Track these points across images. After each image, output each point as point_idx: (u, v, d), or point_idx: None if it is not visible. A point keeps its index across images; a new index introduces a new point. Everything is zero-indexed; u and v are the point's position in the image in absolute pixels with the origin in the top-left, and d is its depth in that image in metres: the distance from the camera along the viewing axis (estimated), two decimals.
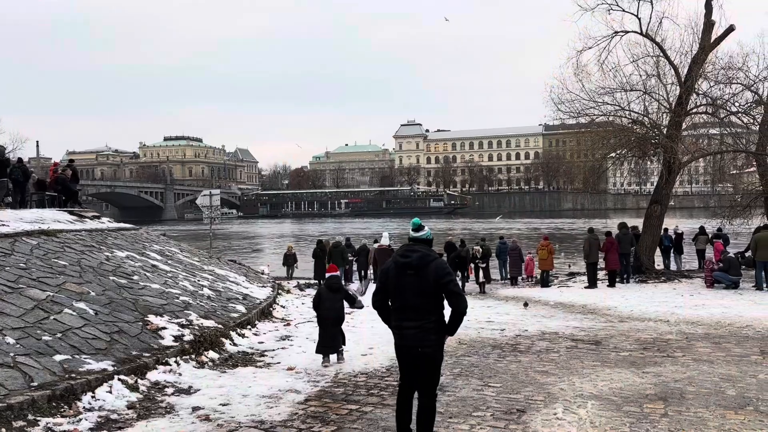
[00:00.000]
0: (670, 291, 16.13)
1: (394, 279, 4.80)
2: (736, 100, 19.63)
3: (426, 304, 4.66)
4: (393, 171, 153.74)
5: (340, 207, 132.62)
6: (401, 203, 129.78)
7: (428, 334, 4.65)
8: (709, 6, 18.04)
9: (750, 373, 7.30)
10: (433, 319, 4.69)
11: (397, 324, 4.79)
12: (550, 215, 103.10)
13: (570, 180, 75.02)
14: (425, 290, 4.64)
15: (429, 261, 4.70)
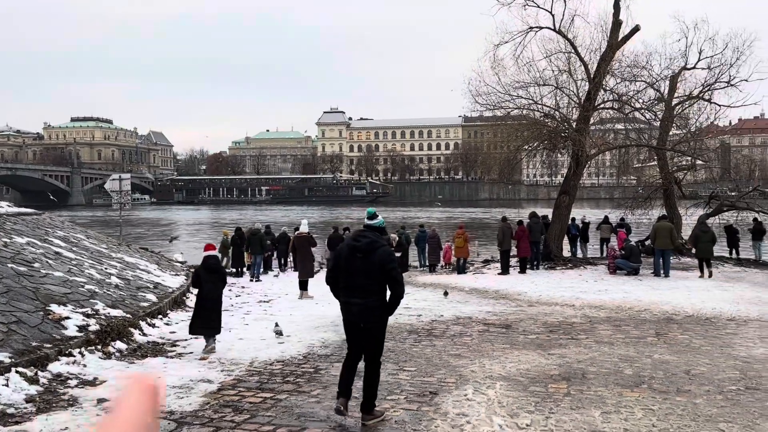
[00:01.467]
0: (576, 277, 16.99)
1: (345, 260, 5.33)
2: (640, 97, 20.87)
3: (371, 284, 5.18)
4: (315, 158, 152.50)
5: (260, 194, 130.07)
6: (323, 191, 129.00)
7: (371, 312, 5.20)
8: (617, 6, 19.01)
9: (646, 353, 7.83)
10: (376, 298, 5.22)
11: (345, 300, 5.32)
12: (468, 204, 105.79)
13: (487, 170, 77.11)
14: (371, 272, 5.17)
15: (377, 247, 5.25)
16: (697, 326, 9.79)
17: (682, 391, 6.08)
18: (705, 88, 21.42)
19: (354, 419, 5.33)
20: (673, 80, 21.24)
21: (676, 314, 10.93)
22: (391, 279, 5.21)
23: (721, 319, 10.47)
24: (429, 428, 5.14)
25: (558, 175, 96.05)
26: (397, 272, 5.28)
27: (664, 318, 10.60)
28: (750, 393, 6.02)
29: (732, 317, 10.60)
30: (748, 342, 8.53)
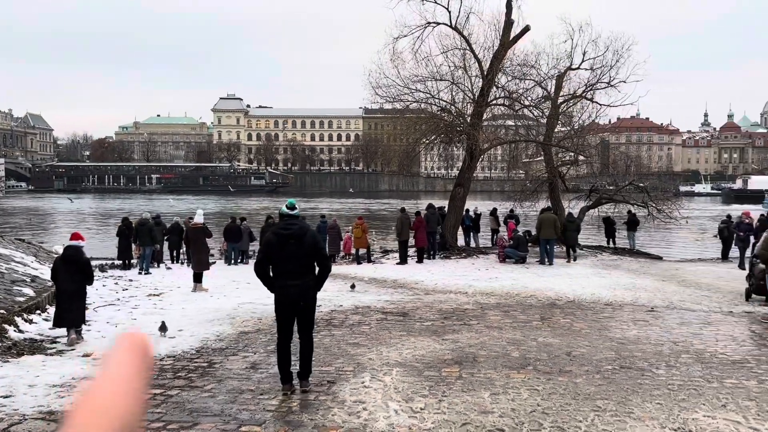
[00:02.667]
0: (470, 266, 17.66)
1: (278, 248, 5.77)
2: (529, 95, 21.94)
3: (305, 266, 5.81)
4: (211, 146, 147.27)
5: (150, 182, 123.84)
6: (220, 180, 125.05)
7: (308, 290, 5.83)
8: (509, 6, 19.84)
9: (531, 337, 8.29)
10: (312, 277, 5.87)
11: (282, 284, 5.77)
12: (368, 196, 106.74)
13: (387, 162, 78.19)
14: (304, 255, 5.78)
15: (306, 231, 5.92)
16: (578, 311, 10.50)
17: (564, 371, 6.50)
18: (588, 88, 22.89)
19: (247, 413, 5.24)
20: (559, 80, 22.51)
21: (559, 300, 11.66)
22: (322, 257, 5.96)
23: (600, 303, 11.30)
24: (326, 417, 5.16)
25: (454, 168, 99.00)
26: (326, 251, 6.21)
27: (549, 303, 11.27)
28: (624, 371, 6.53)
29: (609, 302, 11.46)
30: (623, 325, 9.25)
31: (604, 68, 22.20)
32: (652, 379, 6.18)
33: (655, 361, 6.93)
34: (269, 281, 5.90)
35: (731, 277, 15.16)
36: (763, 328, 9.18)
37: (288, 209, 6.05)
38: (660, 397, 5.57)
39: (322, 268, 5.96)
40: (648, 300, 11.67)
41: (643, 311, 10.43)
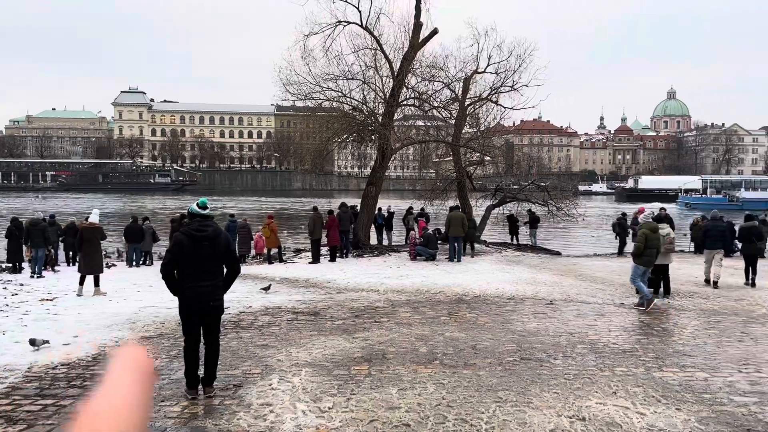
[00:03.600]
0: (382, 264, 17.84)
1: (191, 249, 5.66)
2: (438, 96, 22.45)
3: (217, 267, 5.78)
4: (112, 142, 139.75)
5: (45, 180, 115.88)
6: (121, 178, 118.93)
7: (218, 291, 5.78)
8: (418, 8, 20.18)
9: (439, 332, 8.49)
10: (221, 278, 5.85)
11: (193, 285, 5.66)
12: (281, 194, 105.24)
13: (300, 161, 77.44)
14: (218, 256, 5.76)
15: (220, 233, 5.88)
16: (483, 305, 10.87)
17: (468, 364, 6.71)
18: (493, 91, 23.73)
19: None
20: (466, 82, 23.19)
21: (466, 295, 12.02)
22: (233, 259, 5.96)
23: (503, 298, 11.75)
24: (231, 421, 5.04)
25: (367, 167, 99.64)
26: (236, 253, 6.19)
27: (456, 299, 11.59)
28: (524, 363, 6.83)
29: (512, 296, 11.95)
30: (523, 318, 9.67)
31: (508, 72, 23.11)
32: (550, 370, 6.50)
33: (553, 352, 7.30)
34: (174, 284, 5.75)
35: (623, 271, 16.18)
36: (651, 319, 9.89)
37: (200, 208, 5.92)
38: (557, 387, 5.87)
39: (231, 270, 5.92)
40: (547, 294, 12.27)
41: (543, 304, 10.96)
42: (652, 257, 10.80)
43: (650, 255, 10.77)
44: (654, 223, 11.23)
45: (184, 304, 5.72)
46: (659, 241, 10.98)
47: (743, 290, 13.15)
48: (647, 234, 10.77)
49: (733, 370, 6.54)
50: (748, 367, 6.67)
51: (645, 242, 10.70)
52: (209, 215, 5.96)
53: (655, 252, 10.85)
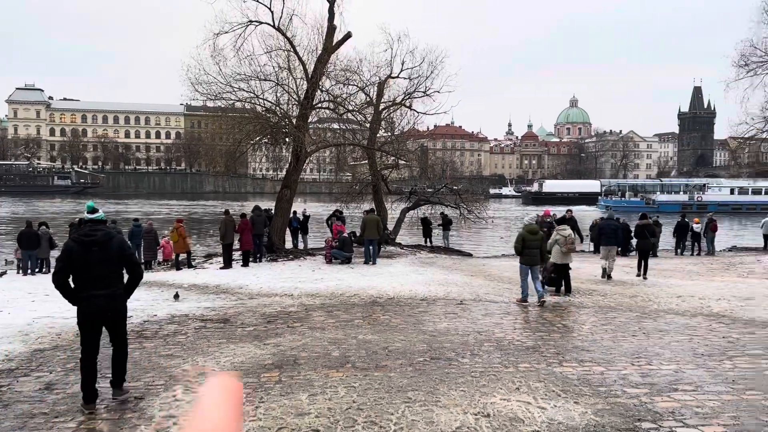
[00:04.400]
0: (297, 267, 17.65)
1: (80, 255, 5.44)
2: (353, 100, 22.51)
3: (112, 273, 5.54)
4: (5, 142, 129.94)
5: None
6: (16, 180, 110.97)
7: (117, 300, 5.58)
8: (332, 12, 20.15)
9: (352, 335, 8.50)
10: (120, 286, 5.63)
11: (87, 294, 5.44)
12: (191, 197, 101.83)
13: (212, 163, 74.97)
14: (110, 262, 5.51)
15: (112, 237, 5.60)
16: (396, 307, 10.99)
17: (380, 366, 6.75)
18: (406, 96, 24.12)
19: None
20: (380, 87, 23.43)
21: (380, 297, 12.11)
22: (131, 264, 5.71)
23: (416, 299, 11.93)
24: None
25: (282, 169, 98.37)
26: (135, 257, 5.90)
27: (370, 301, 11.65)
28: (434, 362, 6.96)
29: (424, 297, 12.16)
30: (435, 318, 9.86)
31: (421, 78, 23.56)
32: (458, 368, 6.67)
33: (461, 351, 7.49)
34: (70, 292, 5.54)
35: None
36: (553, 316, 10.36)
37: (88, 213, 5.75)
38: (464, 385, 6.03)
39: (132, 276, 5.77)
40: (458, 294, 12.59)
41: (454, 304, 11.23)
42: (532, 256, 11.46)
43: (529, 255, 11.44)
44: (533, 225, 11.94)
45: (81, 315, 5.52)
46: (540, 242, 11.66)
47: (637, 287, 14.06)
48: (524, 235, 11.48)
49: (626, 363, 6.97)
50: (640, 360, 7.12)
51: (522, 243, 11.40)
52: (100, 219, 5.77)
53: (537, 252, 11.52)
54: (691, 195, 71.36)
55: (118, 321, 5.70)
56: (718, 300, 12.15)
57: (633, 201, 70.77)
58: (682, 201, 68.12)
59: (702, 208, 64.34)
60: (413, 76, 23.63)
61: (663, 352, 7.49)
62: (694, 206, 63.66)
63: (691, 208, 59.80)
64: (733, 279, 16.37)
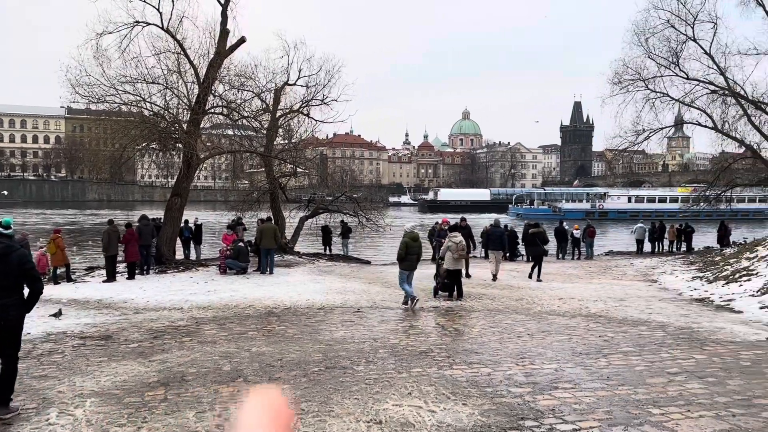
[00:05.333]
0: (188, 279, 16.94)
1: None
2: (248, 106, 22.04)
3: (9, 285, 5.58)
4: None
5: None
6: None
7: (10, 310, 5.56)
8: (225, 15, 19.61)
9: (246, 348, 8.27)
10: (16, 297, 5.64)
11: None
12: (73, 206, 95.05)
13: (96, 169, 70.48)
14: (9, 274, 5.56)
15: (13, 250, 5.67)
16: (293, 317, 10.85)
17: (273, 379, 6.62)
18: (304, 103, 24.00)
19: None
20: (277, 93, 23.15)
21: (277, 308, 11.91)
22: (30, 278, 5.69)
23: (313, 308, 11.85)
24: None
25: (174, 176, 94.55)
26: (36, 270, 5.87)
27: (266, 312, 11.42)
28: (329, 372, 6.93)
29: (322, 306, 12.10)
30: (332, 327, 9.83)
31: (318, 86, 23.55)
32: (352, 376, 6.67)
33: (356, 359, 7.51)
34: None
35: (423, 276, 17.30)
36: (446, 320, 10.67)
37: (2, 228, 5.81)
38: (358, 393, 6.04)
39: (32, 290, 5.74)
40: (355, 302, 12.64)
41: (351, 312, 11.26)
42: (413, 262, 12.11)
43: (411, 260, 12.06)
44: (415, 233, 12.52)
45: None
46: (420, 249, 12.33)
47: (523, 290, 14.81)
48: (407, 242, 12.06)
49: (512, 363, 7.30)
50: (524, 360, 7.48)
51: (405, 249, 11.99)
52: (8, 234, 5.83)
53: (416, 258, 12.15)
54: (593, 203, 76.97)
55: (10, 332, 5.61)
56: (596, 301, 13.05)
57: (541, 209, 75.27)
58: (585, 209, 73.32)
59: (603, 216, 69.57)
60: (310, 84, 23.57)
61: (545, 352, 7.92)
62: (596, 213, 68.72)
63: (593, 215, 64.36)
64: (609, 281, 17.67)
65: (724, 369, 6.98)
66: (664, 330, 9.61)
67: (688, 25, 24.05)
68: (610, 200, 77.76)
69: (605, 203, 76.68)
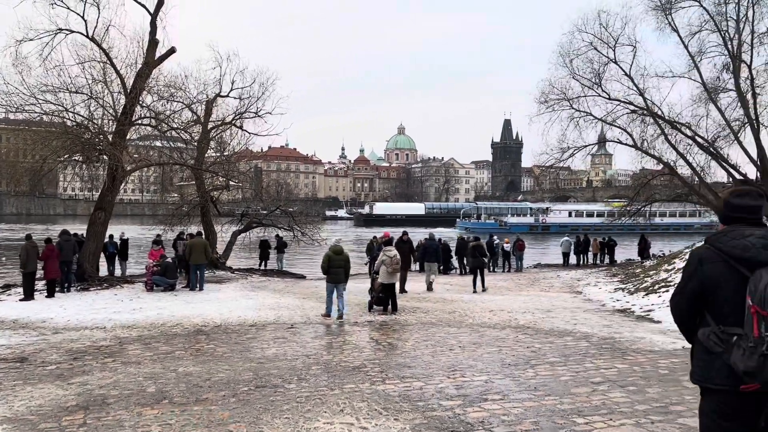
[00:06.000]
0: (112, 297, 16.22)
1: None
2: (178, 117, 21.49)
3: None
4: None
5: None
6: None
7: None
8: (154, 25, 19.10)
9: (171, 368, 7.98)
10: None
11: None
12: None
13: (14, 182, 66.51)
14: None
15: None
16: (223, 335, 10.57)
17: (200, 400, 6.40)
18: (237, 116, 23.67)
19: None
20: (209, 105, 22.72)
21: (206, 325, 11.57)
22: None
23: (245, 325, 11.59)
24: None
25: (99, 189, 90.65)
26: None
27: (195, 330, 11.08)
28: (259, 391, 6.77)
29: (254, 323, 11.85)
30: (263, 344, 9.63)
31: (252, 99, 23.31)
32: (283, 395, 6.55)
33: (288, 377, 7.38)
34: None
35: (358, 290, 17.29)
36: (380, 335, 10.67)
37: None
38: (289, 411, 5.93)
39: None
40: (289, 318, 12.47)
41: (284, 329, 11.09)
42: (338, 276, 12.33)
43: (336, 273, 12.30)
44: (339, 246, 12.82)
45: None
46: (346, 262, 12.59)
47: (456, 303, 15.04)
48: (330, 256, 12.38)
49: (444, 376, 7.37)
50: (455, 373, 7.58)
51: (328, 263, 12.29)
52: None
53: (342, 271, 12.38)
54: (537, 218, 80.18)
55: None
56: (524, 313, 13.41)
57: (488, 223, 77.81)
58: (529, 223, 76.81)
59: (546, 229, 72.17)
60: (244, 97, 23.29)
61: (476, 364, 8.05)
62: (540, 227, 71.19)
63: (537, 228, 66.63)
64: (537, 293, 18.23)
65: (643, 378, 7.29)
66: (588, 340, 9.97)
67: (610, 48, 25.38)
68: (552, 215, 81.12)
69: (548, 218, 79.99)
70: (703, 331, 2.82)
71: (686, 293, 2.89)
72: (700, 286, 2.82)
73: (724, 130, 24.94)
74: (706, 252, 2.86)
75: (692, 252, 3.00)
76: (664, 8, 24.36)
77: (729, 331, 2.71)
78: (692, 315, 2.91)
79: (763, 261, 2.68)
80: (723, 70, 24.61)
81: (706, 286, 2.80)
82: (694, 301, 2.86)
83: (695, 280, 2.85)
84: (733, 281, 2.74)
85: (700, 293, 2.83)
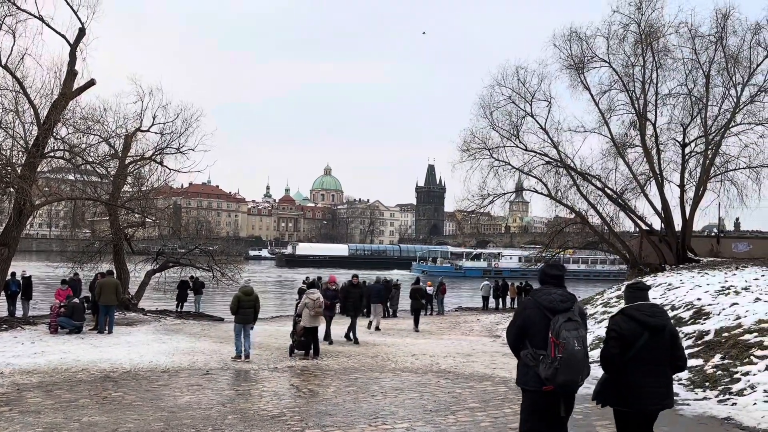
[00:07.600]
0: (11, 339, 15.02)
1: None
2: (94, 151, 20.61)
3: None
4: None
5: None
6: None
7: None
8: (73, 56, 18.41)
9: (75, 418, 7.45)
10: None
11: None
12: None
13: None
14: None
15: None
16: (132, 381, 10.00)
17: None
18: (157, 151, 23.00)
19: None
20: (128, 139, 21.99)
21: (114, 371, 10.92)
22: None
23: (156, 371, 11.01)
24: None
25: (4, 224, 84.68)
26: None
27: (102, 377, 10.42)
28: None
29: (166, 369, 11.29)
30: (176, 392, 9.18)
31: (174, 134, 22.77)
32: None
33: (202, 427, 7.06)
34: None
35: (280, 334, 16.92)
36: (301, 381, 10.44)
37: None
38: None
39: None
40: (204, 363, 11.98)
41: (199, 375, 10.63)
42: (247, 316, 12.63)
43: (245, 314, 12.60)
44: (248, 287, 13.29)
45: None
46: (256, 302, 13.00)
47: (379, 347, 14.99)
48: (239, 296, 12.78)
49: (365, 424, 7.27)
50: (377, 420, 7.50)
51: (237, 303, 12.63)
52: None
53: (251, 312, 12.73)
54: (489, 262, 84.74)
55: None
56: (445, 357, 13.54)
57: (444, 266, 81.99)
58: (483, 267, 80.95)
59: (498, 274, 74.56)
60: (165, 132, 22.72)
61: (398, 411, 8.01)
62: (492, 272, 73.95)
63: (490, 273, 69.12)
64: (458, 337, 18.48)
65: None
66: (506, 385, 10.15)
67: (527, 102, 26.81)
68: (504, 260, 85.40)
69: (500, 262, 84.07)
70: (524, 352, 4.37)
71: (516, 327, 4.48)
72: (524, 323, 4.42)
73: (631, 183, 26.73)
74: (528, 302, 4.56)
75: (521, 302, 4.38)
76: (577, 67, 26.14)
77: (538, 352, 4.26)
78: (518, 341, 4.45)
79: (559, 309, 4.26)
80: (630, 127, 26.58)
81: (527, 323, 4.39)
82: (520, 332, 4.44)
83: (521, 319, 4.48)
84: (542, 321, 4.28)
85: (524, 327, 4.41)
